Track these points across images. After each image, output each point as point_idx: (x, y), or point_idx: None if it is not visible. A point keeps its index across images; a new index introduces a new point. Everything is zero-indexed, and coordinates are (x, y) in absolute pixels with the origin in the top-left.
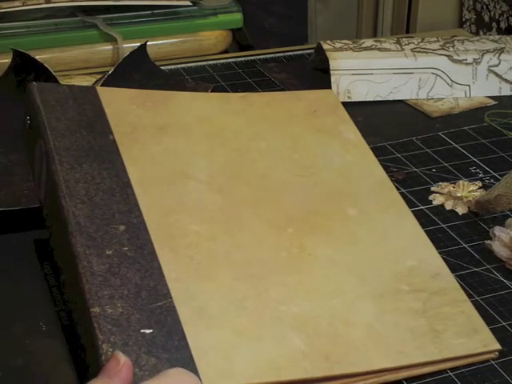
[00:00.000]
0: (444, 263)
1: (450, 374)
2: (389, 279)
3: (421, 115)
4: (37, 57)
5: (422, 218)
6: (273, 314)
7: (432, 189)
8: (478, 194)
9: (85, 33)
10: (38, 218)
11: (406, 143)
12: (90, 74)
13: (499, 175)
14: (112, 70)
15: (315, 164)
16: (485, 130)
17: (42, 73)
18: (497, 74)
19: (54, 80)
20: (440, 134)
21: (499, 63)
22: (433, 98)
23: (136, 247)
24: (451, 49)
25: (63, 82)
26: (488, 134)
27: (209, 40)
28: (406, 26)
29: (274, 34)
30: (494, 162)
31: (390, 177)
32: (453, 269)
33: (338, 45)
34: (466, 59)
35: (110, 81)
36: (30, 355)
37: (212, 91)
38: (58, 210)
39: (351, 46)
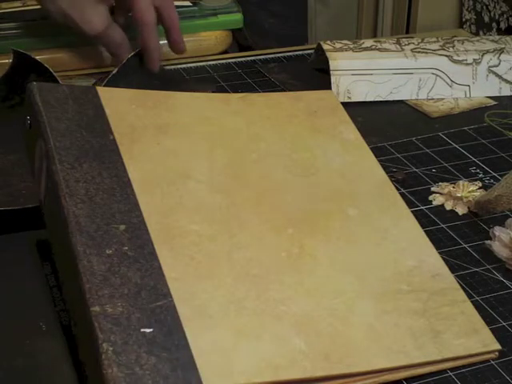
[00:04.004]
0: (444, 263)
1: (450, 373)
2: (389, 279)
3: (421, 115)
4: (37, 57)
5: (422, 219)
6: (273, 313)
7: (432, 189)
8: (478, 194)
9: None
10: (38, 217)
11: (406, 143)
12: (90, 74)
13: (499, 175)
14: (115, 70)
15: (315, 164)
16: (485, 130)
17: (42, 73)
18: (497, 75)
19: (55, 80)
20: (440, 134)
21: (499, 63)
22: (433, 99)
23: (136, 247)
24: (451, 49)
25: (63, 82)
26: (488, 134)
27: (209, 40)
28: (406, 26)
29: (274, 35)
30: (494, 162)
31: (390, 177)
32: (453, 269)
33: (338, 45)
34: (466, 59)
35: (112, 81)
36: (30, 355)
37: (212, 91)
38: (58, 209)
39: (351, 46)
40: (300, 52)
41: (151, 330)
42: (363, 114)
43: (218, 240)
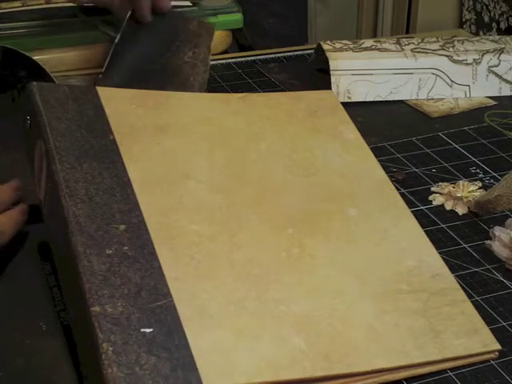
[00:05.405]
0: (444, 263)
1: (450, 373)
2: (389, 279)
3: (421, 115)
4: (37, 57)
5: (422, 219)
6: (273, 313)
7: (432, 189)
8: (478, 194)
9: (85, 33)
10: (38, 216)
11: (406, 143)
12: (90, 74)
13: (499, 175)
14: (117, 39)
15: (315, 164)
16: (485, 130)
17: (34, 69)
18: (497, 75)
19: (47, 76)
20: (440, 134)
21: (499, 63)
22: (433, 99)
23: (136, 247)
24: (451, 49)
25: (62, 82)
26: (488, 134)
27: None
28: (406, 26)
29: (274, 35)
30: (494, 162)
31: (390, 177)
32: (453, 269)
33: (338, 45)
34: (466, 59)
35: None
36: (29, 355)
37: (212, 92)
38: (58, 209)
39: (351, 46)
40: (300, 52)
41: (151, 329)
42: (363, 114)
43: (218, 240)
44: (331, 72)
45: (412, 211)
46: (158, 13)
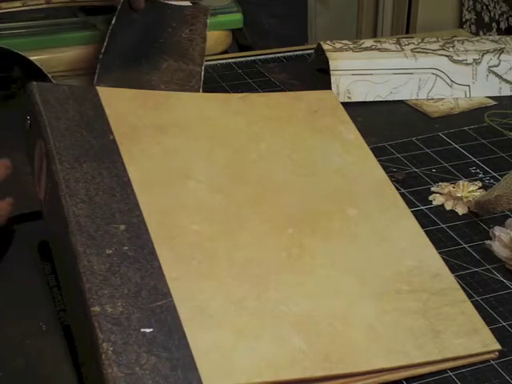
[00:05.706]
0: (444, 263)
1: (450, 373)
2: (389, 279)
3: (421, 115)
4: (36, 57)
5: (422, 219)
6: (273, 313)
7: (432, 189)
8: (478, 194)
9: (85, 33)
10: (38, 217)
11: (406, 143)
12: (90, 74)
13: (499, 175)
14: (114, 19)
15: (315, 164)
16: (485, 130)
17: (30, 69)
18: (497, 75)
19: (44, 76)
20: (440, 134)
21: (499, 63)
22: (433, 99)
23: (136, 246)
24: (451, 49)
25: (61, 82)
26: (488, 134)
27: (209, 40)
28: (406, 26)
29: (274, 35)
30: (494, 162)
31: (390, 177)
32: (453, 269)
33: (338, 45)
34: (466, 59)
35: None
36: (29, 355)
37: (212, 91)
38: (58, 209)
39: (351, 46)
40: (300, 52)
41: (151, 329)
42: (363, 114)
43: (217, 240)
44: (331, 72)
45: (412, 211)
46: (152, 1)
